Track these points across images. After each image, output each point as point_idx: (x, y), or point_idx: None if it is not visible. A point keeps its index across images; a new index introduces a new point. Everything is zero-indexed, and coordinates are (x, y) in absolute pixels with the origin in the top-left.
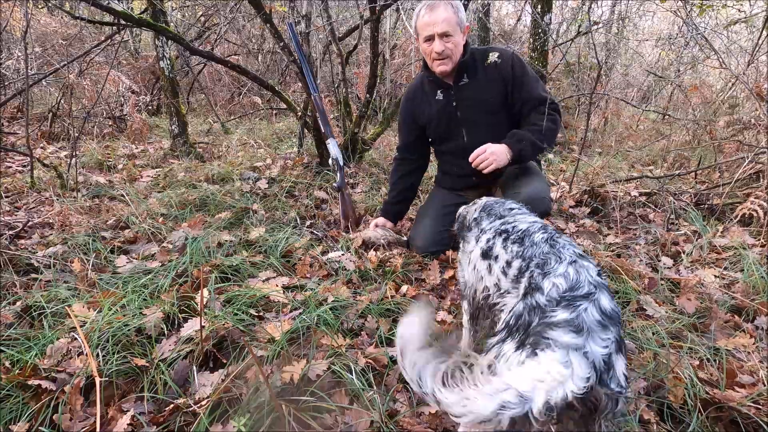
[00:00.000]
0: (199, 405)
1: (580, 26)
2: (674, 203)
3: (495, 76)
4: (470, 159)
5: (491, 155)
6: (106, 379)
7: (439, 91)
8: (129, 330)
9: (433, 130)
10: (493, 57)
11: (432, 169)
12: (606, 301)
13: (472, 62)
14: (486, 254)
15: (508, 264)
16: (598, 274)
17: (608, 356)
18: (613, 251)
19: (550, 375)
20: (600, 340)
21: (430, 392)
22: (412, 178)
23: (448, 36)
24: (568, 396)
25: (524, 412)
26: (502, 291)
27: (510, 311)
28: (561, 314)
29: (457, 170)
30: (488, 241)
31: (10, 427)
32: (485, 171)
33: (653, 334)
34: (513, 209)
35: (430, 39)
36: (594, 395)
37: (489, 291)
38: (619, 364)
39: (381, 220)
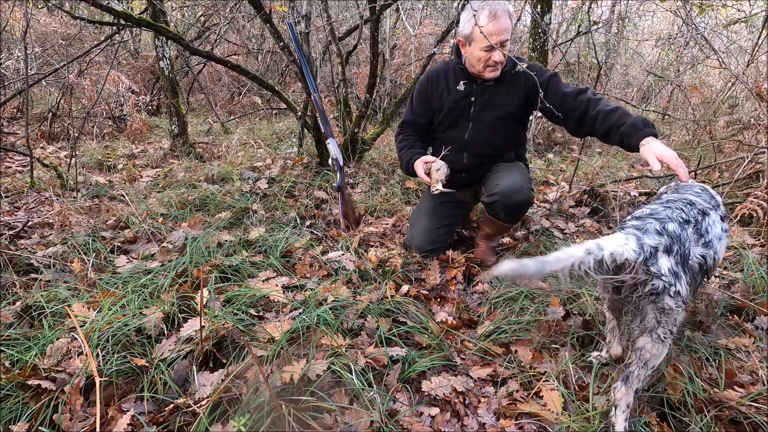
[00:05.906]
0: (199, 405)
1: (580, 26)
2: None
3: (517, 85)
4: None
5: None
6: (106, 379)
7: (462, 82)
8: (129, 330)
9: (442, 117)
10: (521, 66)
11: None
12: (672, 226)
13: (504, 67)
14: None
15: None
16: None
17: (655, 249)
18: None
19: (614, 240)
20: (653, 239)
21: None
22: (424, 144)
23: (505, 44)
24: (624, 254)
25: (600, 257)
26: None
27: None
28: (632, 222)
29: (449, 161)
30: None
31: (10, 427)
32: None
33: None
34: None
35: (490, 48)
36: (632, 263)
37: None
38: (664, 261)
39: (424, 159)
